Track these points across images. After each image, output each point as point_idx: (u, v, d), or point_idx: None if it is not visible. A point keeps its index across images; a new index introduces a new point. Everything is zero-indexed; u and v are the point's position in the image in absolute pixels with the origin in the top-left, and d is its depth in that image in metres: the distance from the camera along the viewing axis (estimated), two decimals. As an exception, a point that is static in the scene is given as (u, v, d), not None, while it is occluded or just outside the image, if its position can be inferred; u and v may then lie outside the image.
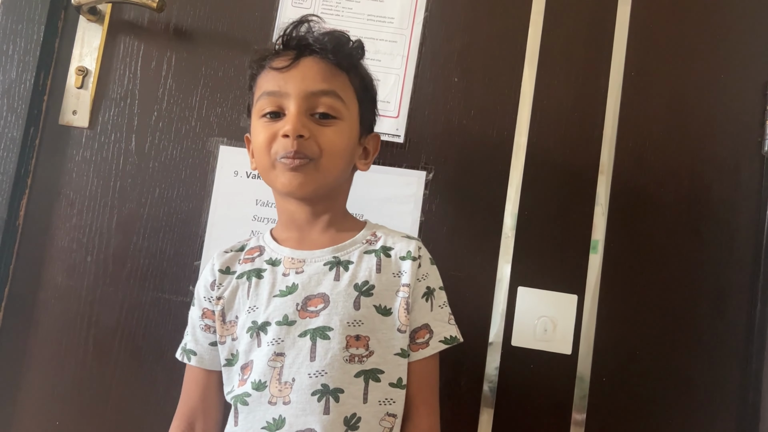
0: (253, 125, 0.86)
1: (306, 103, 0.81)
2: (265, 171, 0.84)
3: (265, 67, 0.85)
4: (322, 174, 0.82)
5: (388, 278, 0.84)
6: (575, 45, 1.13)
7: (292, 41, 0.85)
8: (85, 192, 1.12)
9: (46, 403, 1.08)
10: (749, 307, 1.08)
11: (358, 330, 0.80)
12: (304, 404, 0.77)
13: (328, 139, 0.81)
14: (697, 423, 1.07)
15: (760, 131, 1.10)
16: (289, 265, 0.84)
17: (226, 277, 0.87)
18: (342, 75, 0.85)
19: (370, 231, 0.89)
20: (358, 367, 0.79)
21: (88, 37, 1.14)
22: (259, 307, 0.83)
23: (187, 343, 0.90)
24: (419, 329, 0.84)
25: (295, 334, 0.80)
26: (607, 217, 1.10)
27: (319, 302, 0.81)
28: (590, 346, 1.07)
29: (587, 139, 1.11)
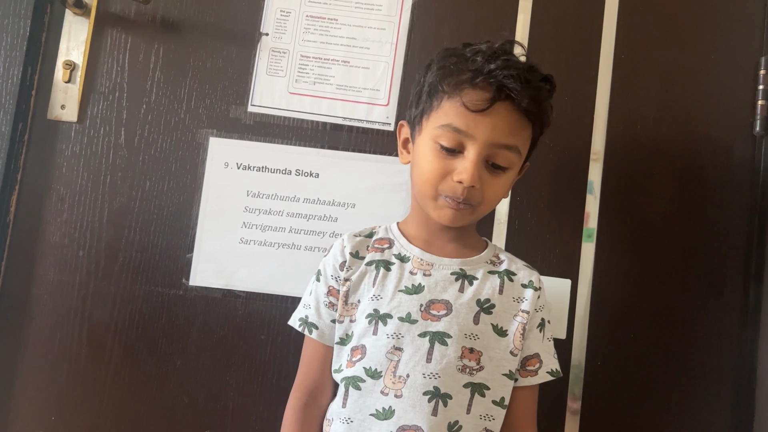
0: (425, 143, 0.85)
1: (487, 151, 0.82)
2: (425, 197, 0.86)
3: (457, 95, 0.81)
4: (476, 216, 0.87)
5: (508, 301, 0.88)
6: (564, 29, 1.12)
7: (491, 77, 0.81)
8: (75, 187, 1.11)
9: (42, 399, 1.08)
10: (743, 288, 1.08)
11: (473, 343, 0.84)
12: (414, 401, 0.80)
13: (494, 191, 0.85)
14: (693, 405, 1.07)
15: (752, 112, 1.10)
16: (418, 265, 0.88)
17: (355, 261, 0.90)
18: (528, 128, 0.85)
19: (493, 252, 0.92)
20: (468, 379, 0.83)
21: (74, 31, 1.13)
22: (384, 297, 0.86)
23: (308, 316, 0.91)
24: (531, 357, 0.88)
25: (415, 333, 0.83)
26: (600, 202, 1.09)
27: (442, 308, 0.84)
28: (585, 330, 1.06)
29: (579, 123, 1.11)
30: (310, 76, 1.12)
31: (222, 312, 1.09)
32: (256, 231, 1.10)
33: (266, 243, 1.10)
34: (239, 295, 1.09)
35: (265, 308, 1.09)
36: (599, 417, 1.06)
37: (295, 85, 1.12)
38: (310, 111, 1.12)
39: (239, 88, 1.13)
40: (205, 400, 1.07)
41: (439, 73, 0.85)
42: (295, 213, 1.10)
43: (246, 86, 1.13)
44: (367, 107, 1.12)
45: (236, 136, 1.12)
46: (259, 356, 1.08)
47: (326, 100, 1.12)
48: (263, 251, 1.09)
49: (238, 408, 1.07)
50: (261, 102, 1.12)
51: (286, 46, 1.13)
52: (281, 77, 1.13)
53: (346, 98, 1.12)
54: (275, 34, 1.13)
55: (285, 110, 1.12)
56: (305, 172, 1.11)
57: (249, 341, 1.08)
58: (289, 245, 1.10)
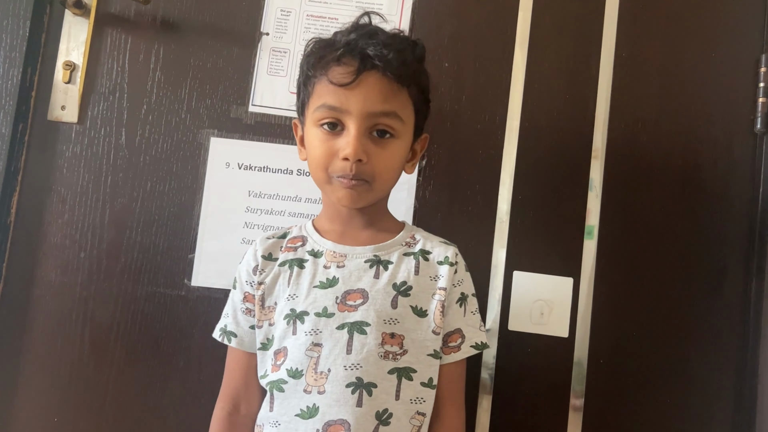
0: (310, 131, 0.86)
1: (366, 123, 0.82)
2: (321, 182, 0.86)
3: (325, 76, 0.83)
4: (375, 192, 0.85)
5: (425, 281, 0.86)
6: (565, 27, 1.12)
7: (354, 51, 0.82)
8: (76, 188, 1.11)
9: (44, 400, 1.08)
10: (744, 285, 1.09)
11: (393, 328, 0.83)
12: (338, 395, 0.79)
13: (384, 162, 0.83)
14: (694, 402, 1.07)
15: (753, 109, 1.10)
16: (331, 259, 0.87)
17: (268, 263, 0.89)
18: (403, 92, 0.84)
19: (409, 233, 0.91)
20: (392, 365, 0.81)
21: (74, 32, 1.13)
22: (299, 296, 0.85)
23: (227, 324, 0.91)
24: (452, 333, 0.87)
25: (333, 326, 0.82)
26: (601, 199, 1.09)
27: (358, 297, 0.83)
28: (587, 328, 1.07)
29: (580, 121, 1.11)
30: (311, 76, 1.12)
31: (224, 312, 1.09)
32: (258, 231, 1.10)
33: (268, 243, 1.10)
34: (241, 296, 1.09)
35: (267, 308, 1.08)
36: (601, 414, 1.06)
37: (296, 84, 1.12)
38: (311, 111, 1.12)
39: (240, 88, 1.12)
40: (208, 401, 1.06)
41: (307, 60, 0.87)
42: (296, 213, 1.10)
43: (247, 86, 1.12)
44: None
45: (237, 136, 1.12)
46: (262, 356, 1.08)
47: (327, 99, 1.12)
48: (265, 251, 1.09)
49: (241, 408, 1.07)
50: (262, 102, 1.12)
51: (286, 45, 1.13)
52: (282, 77, 1.12)
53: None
54: (276, 34, 1.13)
55: (286, 110, 1.12)
56: (306, 172, 1.11)
57: (251, 341, 1.08)
58: (291, 245, 1.10)
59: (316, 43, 0.87)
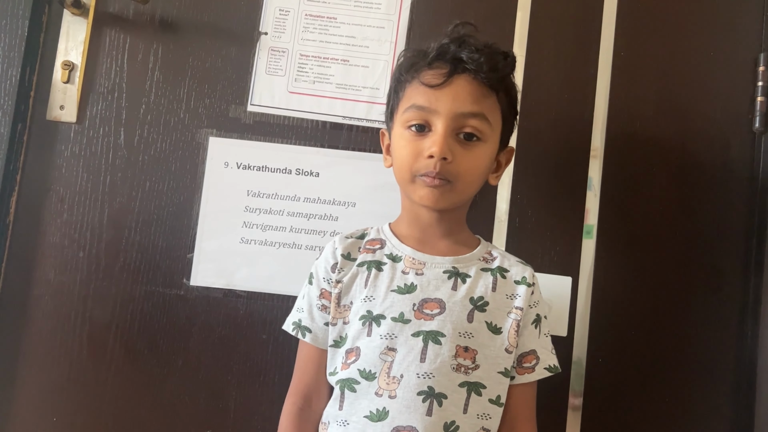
0: (397, 133, 0.87)
1: (454, 124, 0.83)
2: (404, 182, 0.87)
3: (417, 79, 0.85)
4: (456, 194, 0.85)
5: (502, 298, 0.87)
6: (564, 27, 1.12)
7: (446, 54, 0.84)
8: (75, 187, 1.11)
9: (43, 400, 1.08)
10: (743, 283, 1.09)
11: (468, 342, 0.83)
12: (409, 402, 0.80)
13: (469, 165, 0.84)
14: (694, 400, 1.07)
15: (751, 108, 1.10)
16: (410, 265, 0.87)
17: (347, 262, 0.89)
18: (492, 96, 0.85)
19: (486, 249, 0.92)
20: (463, 378, 0.82)
21: (73, 31, 1.13)
22: (376, 298, 0.85)
23: (302, 319, 0.91)
24: (527, 354, 0.88)
25: (409, 332, 0.82)
26: (599, 198, 1.09)
27: (435, 307, 0.84)
28: (586, 327, 1.07)
29: (578, 120, 1.11)
30: (310, 75, 1.12)
31: (223, 312, 1.09)
32: (257, 230, 1.10)
33: (267, 242, 1.10)
34: (240, 295, 1.09)
35: (266, 308, 1.09)
36: (601, 413, 1.06)
37: (295, 84, 1.12)
38: (309, 110, 1.12)
39: (239, 87, 1.12)
40: (207, 400, 1.07)
41: (400, 67, 0.90)
42: (295, 212, 1.10)
43: (245, 86, 1.12)
44: (366, 106, 1.12)
45: (236, 136, 1.12)
46: (260, 356, 1.08)
47: (326, 99, 1.12)
48: (264, 251, 1.09)
49: (239, 407, 1.07)
50: (260, 101, 1.12)
51: (285, 45, 1.13)
52: (281, 76, 1.12)
53: (345, 97, 1.12)
54: (274, 33, 1.13)
55: (285, 109, 1.12)
56: (305, 172, 1.11)
57: (250, 341, 1.08)
58: (290, 244, 1.10)
59: (409, 51, 0.90)
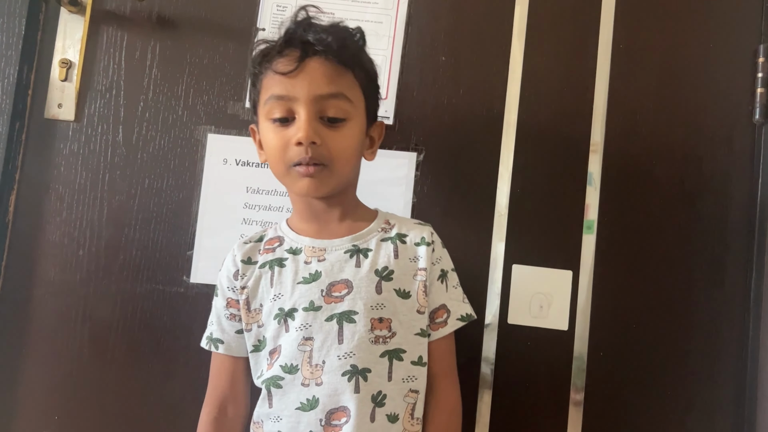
0: (263, 127, 0.87)
1: (315, 107, 0.82)
2: (281, 175, 0.87)
3: (270, 69, 0.84)
4: (335, 177, 0.85)
5: (405, 263, 0.88)
6: (563, 20, 1.12)
7: (294, 40, 0.84)
8: (74, 186, 1.11)
9: (45, 398, 1.08)
10: (744, 277, 1.08)
11: (381, 313, 0.85)
12: (335, 384, 0.81)
13: (339, 145, 0.84)
14: (695, 395, 1.07)
15: (751, 100, 1.09)
16: (311, 254, 0.88)
17: (248, 267, 0.90)
18: (348, 73, 0.85)
19: (383, 219, 0.93)
20: (383, 348, 0.84)
21: (70, 29, 1.13)
22: (284, 294, 0.86)
23: (212, 332, 0.92)
24: (437, 309, 0.90)
25: (322, 318, 0.84)
26: (600, 193, 1.09)
27: (343, 288, 0.85)
28: (587, 321, 1.06)
29: (578, 114, 1.10)
30: (308, 71, 1.12)
31: (223, 309, 1.09)
32: (257, 227, 1.09)
33: (267, 239, 1.09)
34: (240, 292, 1.09)
35: (266, 304, 1.08)
36: (602, 408, 1.06)
37: (293, 80, 1.12)
38: (308, 106, 1.11)
39: (236, 83, 1.12)
40: (209, 397, 1.07)
41: (254, 60, 0.89)
42: (295, 208, 1.10)
43: (243, 82, 1.12)
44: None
45: (235, 132, 1.11)
46: (262, 352, 1.08)
47: (324, 94, 1.11)
48: (264, 247, 1.09)
49: (241, 404, 1.07)
50: (259, 98, 1.12)
51: (283, 41, 1.12)
52: (279, 72, 1.12)
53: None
54: (272, 29, 1.12)
55: (283, 105, 1.11)
56: (304, 168, 1.11)
57: (251, 337, 1.08)
58: (290, 241, 1.09)
59: (260, 44, 0.89)
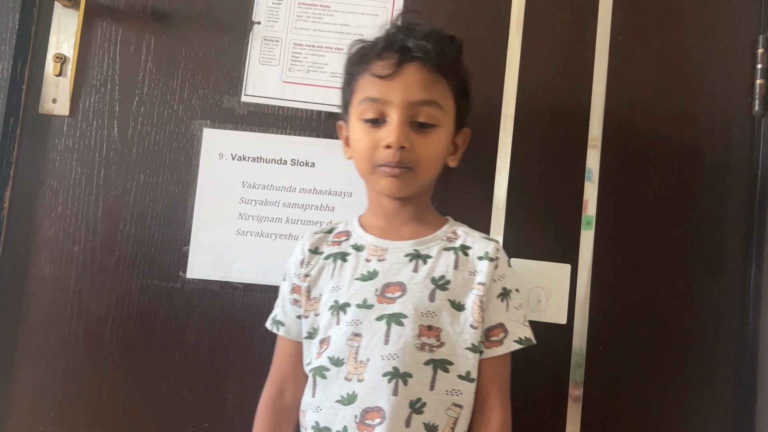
0: (353, 126, 0.89)
1: (407, 112, 0.85)
2: (365, 173, 0.89)
3: (367, 71, 0.87)
4: (418, 180, 0.87)
5: (464, 276, 0.88)
6: (560, 11, 1.11)
7: (394, 44, 0.86)
8: (69, 181, 1.10)
9: (40, 395, 1.07)
10: (744, 270, 1.08)
11: (430, 321, 0.84)
12: (375, 383, 0.81)
13: (426, 150, 0.86)
14: (695, 386, 1.06)
15: (750, 91, 1.09)
16: (372, 252, 0.89)
17: (314, 256, 0.92)
18: (442, 81, 0.87)
19: (451, 228, 0.93)
20: (428, 356, 0.83)
21: (64, 24, 1.12)
22: (342, 287, 0.88)
23: (277, 314, 0.95)
24: (494, 328, 0.88)
25: (372, 317, 0.84)
26: (598, 188, 1.08)
27: (397, 290, 0.86)
28: (585, 314, 1.06)
29: (576, 106, 1.10)
30: (304, 65, 1.11)
31: (220, 304, 1.08)
32: (253, 222, 1.09)
33: (263, 234, 1.09)
34: (237, 287, 1.08)
35: (263, 299, 1.08)
36: (601, 402, 1.05)
37: (289, 73, 1.11)
38: (304, 99, 1.11)
39: (232, 78, 1.12)
40: (205, 393, 1.07)
41: (350, 60, 0.92)
42: (291, 203, 1.09)
43: (239, 76, 1.11)
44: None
45: (230, 127, 1.11)
46: (258, 348, 1.07)
47: (320, 88, 1.11)
48: (260, 242, 1.09)
49: (237, 400, 1.06)
50: (254, 92, 1.11)
51: (278, 34, 1.12)
52: (274, 66, 1.11)
53: (340, 86, 1.10)
54: (267, 23, 1.12)
55: (279, 99, 1.11)
56: (301, 162, 1.10)
57: (247, 333, 1.07)
58: (286, 235, 1.09)
59: (358, 44, 0.92)
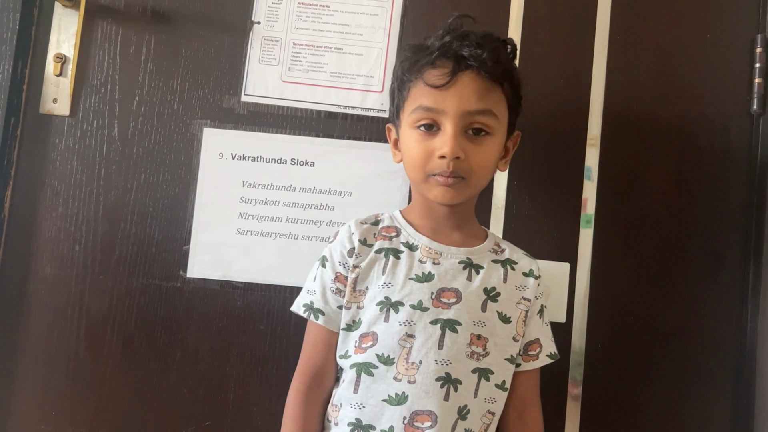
0: (405, 133, 0.89)
1: (462, 122, 0.84)
2: (418, 181, 0.89)
3: (421, 79, 0.86)
4: (471, 189, 0.88)
5: (512, 290, 0.90)
6: (559, 11, 1.11)
7: (449, 53, 0.85)
8: (69, 181, 1.11)
9: (41, 394, 1.07)
10: (742, 268, 1.08)
11: (480, 330, 0.86)
12: (428, 387, 0.82)
13: (480, 159, 0.86)
14: (694, 385, 1.06)
15: (749, 90, 1.09)
16: (427, 254, 0.89)
17: (365, 248, 0.90)
18: (497, 89, 0.86)
19: (494, 241, 0.95)
20: (475, 364, 0.85)
21: (64, 24, 1.12)
22: (395, 285, 0.87)
23: (314, 302, 0.91)
24: (532, 342, 0.92)
25: (427, 320, 0.85)
26: (597, 187, 1.09)
27: (452, 296, 0.86)
28: (584, 313, 1.06)
29: (575, 107, 1.10)
30: (303, 64, 1.11)
31: (220, 303, 1.08)
32: (253, 221, 1.09)
33: (263, 233, 1.09)
34: (237, 286, 1.08)
35: (263, 298, 1.08)
36: (600, 401, 1.06)
37: (288, 73, 1.11)
38: (304, 99, 1.11)
39: (232, 77, 1.12)
40: (205, 392, 1.07)
41: (402, 66, 0.90)
42: (291, 202, 1.10)
43: (239, 76, 1.12)
44: (361, 94, 1.11)
45: (230, 127, 1.11)
46: (259, 347, 1.07)
47: (320, 87, 1.11)
48: (260, 241, 1.09)
49: (238, 399, 1.07)
50: (254, 91, 1.11)
51: (278, 34, 1.12)
52: (274, 66, 1.12)
53: (339, 85, 1.11)
54: (267, 23, 1.12)
55: (279, 99, 1.11)
56: (300, 161, 1.10)
57: (248, 332, 1.08)
58: (287, 235, 1.09)
59: (410, 48, 0.90)
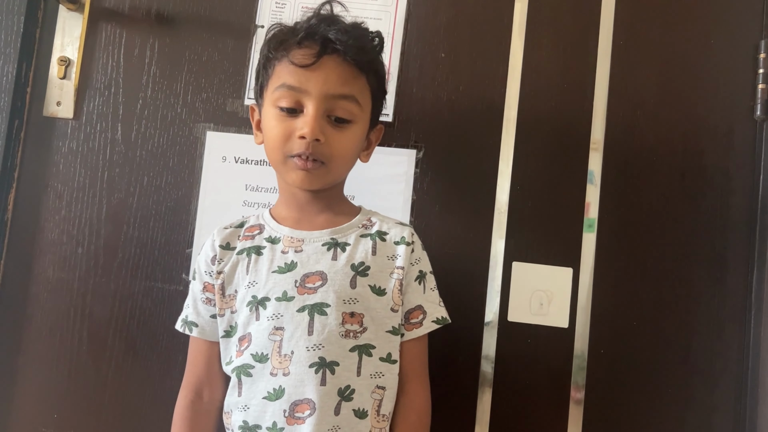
0: (267, 111, 0.87)
1: (324, 105, 0.83)
2: (277, 163, 0.87)
3: (286, 57, 0.84)
4: (330, 175, 0.86)
5: (382, 260, 0.88)
6: (563, 15, 1.11)
7: (315, 34, 0.84)
8: (72, 183, 1.11)
9: (43, 397, 1.08)
10: (746, 274, 1.08)
11: (353, 307, 0.84)
12: (302, 375, 0.81)
13: (341, 145, 0.85)
14: (696, 392, 1.06)
15: (752, 96, 1.09)
16: (288, 244, 0.88)
17: (226, 252, 0.90)
18: (362, 78, 0.86)
19: (366, 216, 0.93)
20: (353, 342, 0.83)
21: (68, 27, 1.13)
22: (259, 282, 0.86)
23: (188, 315, 0.92)
24: (413, 310, 0.89)
25: (294, 309, 0.83)
26: (600, 191, 1.08)
27: (317, 279, 0.85)
28: (587, 318, 1.06)
29: (578, 110, 1.10)
30: (307, 68, 1.11)
31: (222, 306, 1.08)
32: (256, 225, 1.09)
33: (266, 236, 1.09)
34: (239, 290, 1.08)
35: (265, 302, 1.08)
36: (602, 406, 1.05)
37: (292, 77, 1.11)
38: (307, 103, 1.11)
39: (235, 81, 1.12)
40: (208, 395, 1.07)
41: (269, 44, 0.88)
42: (294, 206, 1.10)
43: (242, 79, 1.12)
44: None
45: (233, 130, 1.11)
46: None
47: (323, 91, 1.11)
48: (263, 245, 1.09)
49: (240, 402, 1.07)
50: (258, 95, 1.11)
51: (281, 38, 1.12)
52: (278, 69, 1.12)
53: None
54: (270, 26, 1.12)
55: (282, 103, 1.11)
56: (303, 165, 1.10)
57: (250, 335, 1.08)
58: (289, 238, 1.09)
59: (278, 28, 0.88)
